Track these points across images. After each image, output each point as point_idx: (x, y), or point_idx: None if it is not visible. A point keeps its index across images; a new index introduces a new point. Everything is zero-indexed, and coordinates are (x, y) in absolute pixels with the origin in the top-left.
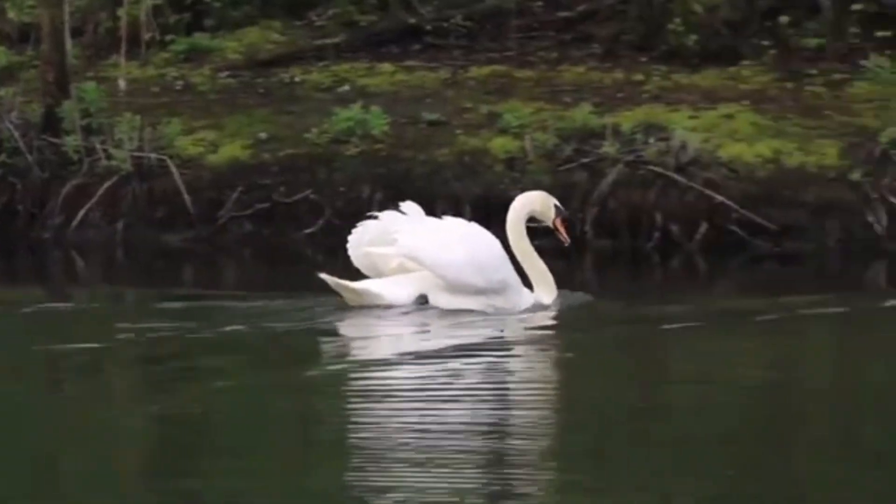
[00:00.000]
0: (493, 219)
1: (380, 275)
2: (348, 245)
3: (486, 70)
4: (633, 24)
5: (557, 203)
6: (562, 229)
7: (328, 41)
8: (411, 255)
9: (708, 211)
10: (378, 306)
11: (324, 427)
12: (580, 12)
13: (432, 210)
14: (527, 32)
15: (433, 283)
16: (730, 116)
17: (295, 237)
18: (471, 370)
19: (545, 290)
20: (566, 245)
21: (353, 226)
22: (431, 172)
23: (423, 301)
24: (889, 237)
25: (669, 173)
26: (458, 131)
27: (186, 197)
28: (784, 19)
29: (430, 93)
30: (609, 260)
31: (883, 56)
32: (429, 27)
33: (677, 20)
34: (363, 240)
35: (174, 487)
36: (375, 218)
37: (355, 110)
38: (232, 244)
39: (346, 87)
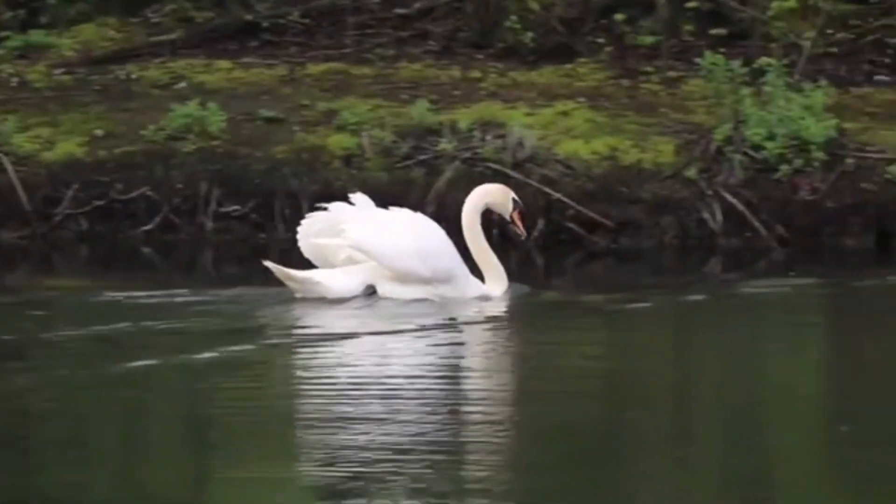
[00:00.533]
0: None
1: (329, 265)
2: (298, 235)
3: (323, 67)
4: (470, 21)
5: (515, 196)
6: (519, 222)
7: (164, 38)
8: (358, 246)
9: (545, 208)
10: (325, 297)
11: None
12: (417, 9)
13: (271, 206)
14: (363, 29)
15: (380, 274)
16: (566, 114)
17: (132, 234)
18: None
19: (496, 281)
20: (523, 238)
21: (191, 223)
22: (269, 169)
23: (370, 291)
24: (724, 233)
25: (506, 170)
26: (296, 128)
27: (22, 194)
28: (619, 17)
29: (268, 90)
30: None
31: (717, 54)
32: (265, 24)
33: (513, 18)
34: (312, 230)
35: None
36: (325, 209)
37: (192, 107)
38: (68, 242)
39: (183, 84)
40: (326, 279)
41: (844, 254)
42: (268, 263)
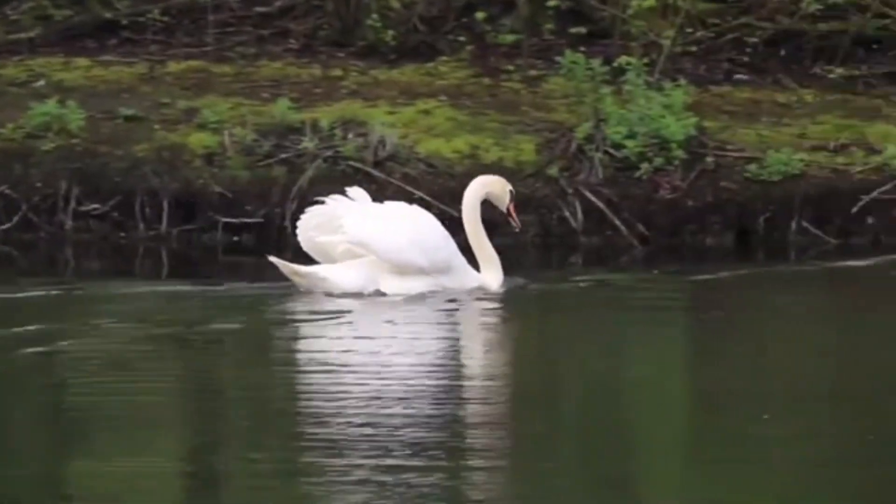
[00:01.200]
0: (194, 216)
1: (329, 260)
2: (297, 230)
3: (183, 65)
4: (331, 19)
5: (512, 188)
6: (514, 214)
7: (23, 35)
8: (358, 241)
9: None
10: (326, 292)
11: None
12: (278, 7)
13: (131, 205)
14: (224, 27)
15: (380, 267)
16: (427, 112)
17: None
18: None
19: (493, 273)
20: (517, 230)
21: (51, 221)
22: (129, 168)
23: (376, 290)
24: (584, 232)
25: (368, 168)
26: (156, 126)
27: None
28: (480, 16)
29: (128, 88)
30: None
31: (578, 52)
32: (125, 22)
33: (374, 16)
34: (310, 225)
35: None
36: (322, 203)
37: (51, 105)
38: None
39: (42, 83)
40: (331, 274)
41: (704, 252)
42: (273, 259)
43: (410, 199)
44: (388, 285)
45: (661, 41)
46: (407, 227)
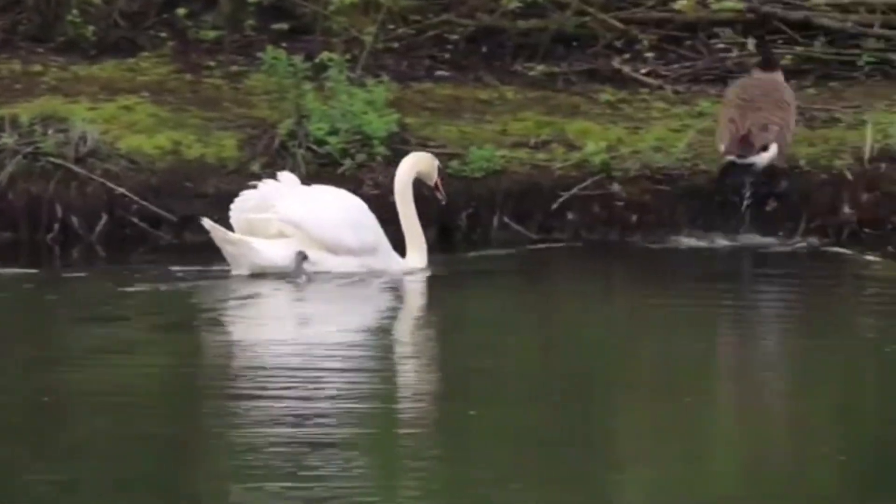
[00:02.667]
0: None
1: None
2: (230, 212)
3: None
4: (30, 14)
5: (439, 164)
6: (441, 187)
7: None
8: (289, 219)
9: (108, 202)
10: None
11: None
12: None
13: None
14: None
15: (310, 246)
16: (129, 108)
17: None
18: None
19: (418, 254)
20: (444, 203)
21: None
22: None
23: (302, 258)
24: None
25: (69, 165)
26: None
27: None
28: (181, 12)
29: None
30: (10, 252)
31: (280, 49)
32: None
33: (75, 11)
34: (244, 207)
35: None
36: (255, 187)
37: None
38: None
39: None
40: (261, 246)
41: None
42: (206, 223)
43: (112, 196)
44: (316, 263)
45: (363, 38)
46: (337, 207)
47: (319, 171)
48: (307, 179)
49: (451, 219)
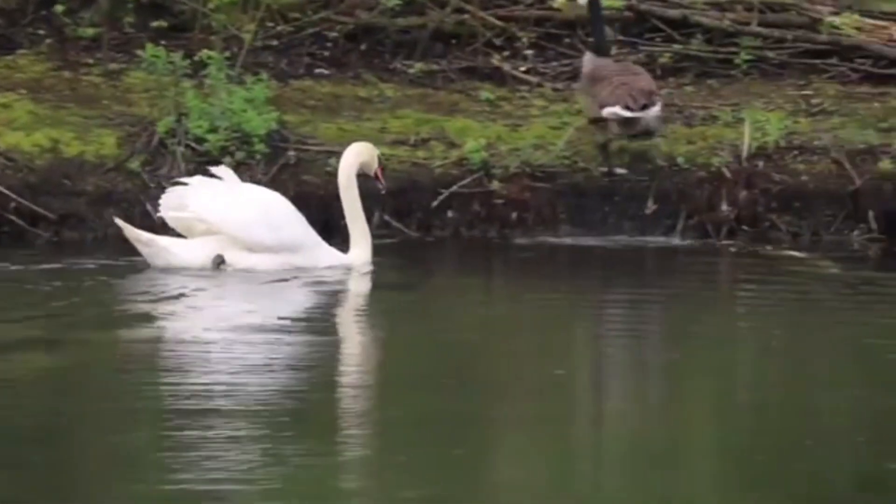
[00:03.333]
0: None
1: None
2: (160, 209)
3: None
4: None
5: (379, 153)
6: (382, 176)
7: None
8: (202, 218)
9: None
10: (171, 264)
11: None
12: None
13: None
14: None
15: (229, 244)
16: (7, 106)
17: None
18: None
19: (363, 249)
20: (383, 192)
21: None
22: None
23: (220, 261)
24: (164, 226)
25: None
26: None
27: None
28: (59, 8)
29: None
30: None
31: (159, 46)
32: None
33: None
34: (172, 204)
35: None
36: (185, 184)
37: None
38: None
39: None
40: (174, 246)
41: None
42: (119, 222)
43: None
44: (233, 262)
45: (243, 35)
46: (255, 205)
47: (199, 169)
48: (185, 176)
49: (331, 217)
